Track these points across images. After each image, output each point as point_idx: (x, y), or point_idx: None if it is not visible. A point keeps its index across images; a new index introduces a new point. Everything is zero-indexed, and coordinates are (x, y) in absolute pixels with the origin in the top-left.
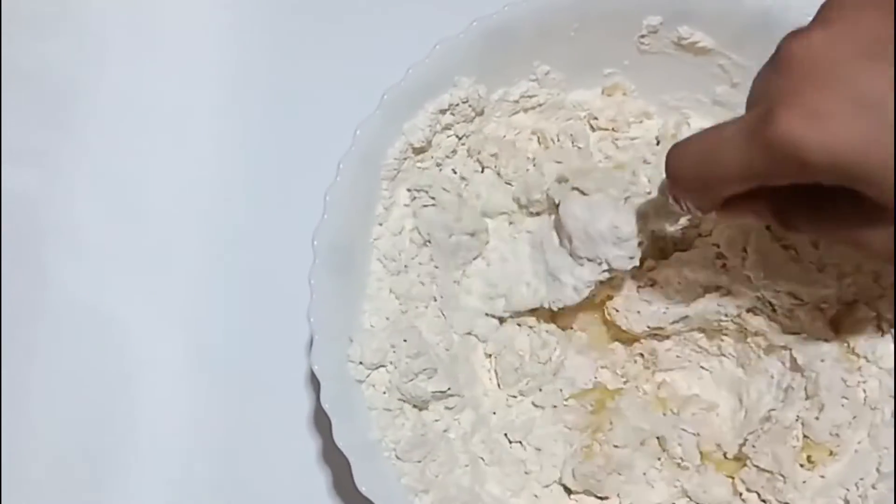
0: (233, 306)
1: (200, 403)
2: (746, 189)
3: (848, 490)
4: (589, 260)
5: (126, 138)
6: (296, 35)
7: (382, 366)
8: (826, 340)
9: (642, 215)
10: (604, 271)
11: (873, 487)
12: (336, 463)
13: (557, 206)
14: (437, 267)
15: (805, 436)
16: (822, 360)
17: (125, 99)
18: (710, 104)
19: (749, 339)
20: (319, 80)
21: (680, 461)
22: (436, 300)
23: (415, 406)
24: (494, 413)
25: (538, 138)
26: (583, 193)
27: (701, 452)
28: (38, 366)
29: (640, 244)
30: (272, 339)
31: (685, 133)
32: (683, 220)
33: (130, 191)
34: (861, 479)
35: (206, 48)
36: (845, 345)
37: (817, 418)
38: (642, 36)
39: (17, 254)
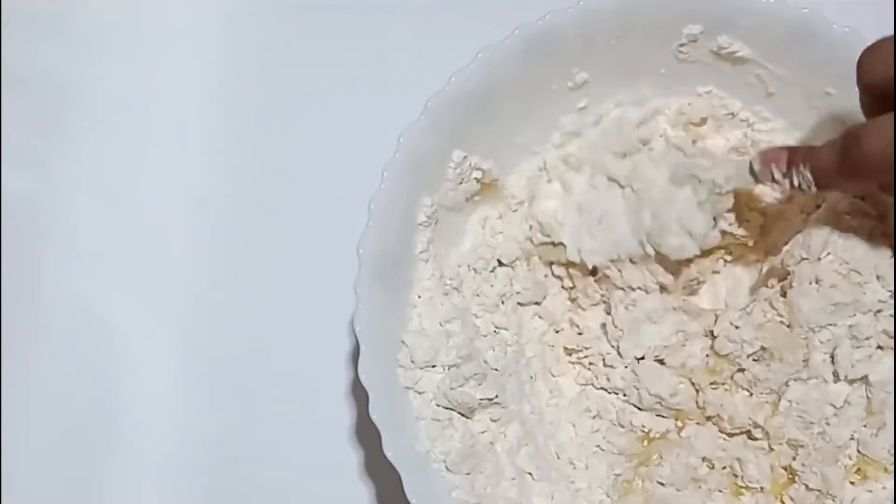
0: (257, 315)
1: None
2: None
3: None
4: None
5: (125, 141)
6: (335, 44)
7: (433, 366)
8: None
9: None
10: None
11: None
12: (379, 476)
13: None
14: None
15: (859, 451)
16: None
17: (124, 102)
18: None
19: None
20: (360, 88)
21: (748, 485)
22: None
23: (461, 414)
24: (549, 424)
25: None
26: None
27: None
28: (36, 367)
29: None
30: (301, 349)
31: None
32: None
33: (129, 194)
34: None
35: (213, 51)
36: None
37: (875, 436)
38: (681, 45)
39: (13, 255)
